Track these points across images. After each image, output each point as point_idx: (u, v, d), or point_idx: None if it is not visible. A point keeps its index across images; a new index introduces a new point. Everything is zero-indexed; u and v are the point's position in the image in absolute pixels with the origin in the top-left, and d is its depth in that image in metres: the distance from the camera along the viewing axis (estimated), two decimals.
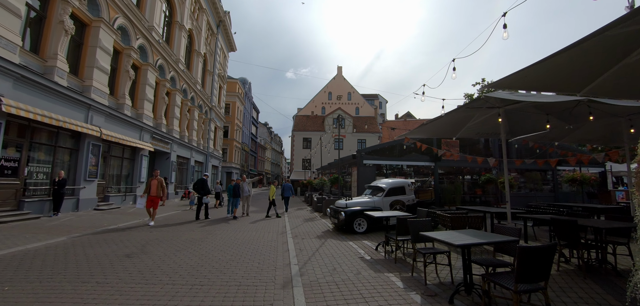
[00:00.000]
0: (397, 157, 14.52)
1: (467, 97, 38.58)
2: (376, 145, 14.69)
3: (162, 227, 9.58)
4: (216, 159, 35.45)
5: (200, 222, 11.06)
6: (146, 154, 18.12)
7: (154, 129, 18.96)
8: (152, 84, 18.48)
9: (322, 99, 54.16)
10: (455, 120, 8.66)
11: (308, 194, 22.78)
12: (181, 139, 23.82)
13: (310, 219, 12.39)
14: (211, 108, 32.36)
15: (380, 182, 10.10)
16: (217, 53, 33.86)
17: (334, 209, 9.43)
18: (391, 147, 14.54)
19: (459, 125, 8.90)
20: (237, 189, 12.24)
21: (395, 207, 9.42)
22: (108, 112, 14.08)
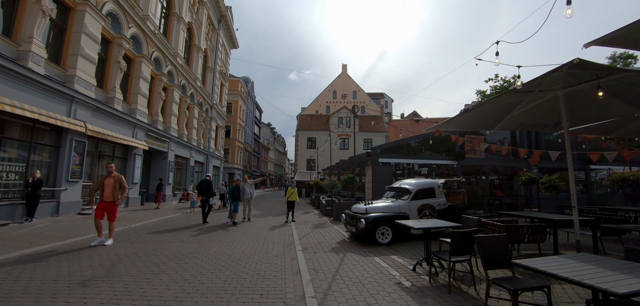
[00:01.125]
0: (414, 155, 12.99)
1: (479, 93, 36.98)
2: (392, 142, 13.18)
3: (150, 234, 8.14)
4: (218, 159, 34.08)
5: (193, 230, 9.59)
6: (140, 153, 16.74)
7: (150, 127, 17.58)
8: (146, 78, 17.11)
9: (327, 98, 52.69)
10: (498, 108, 7.17)
11: (314, 197, 21.29)
12: (180, 138, 22.45)
13: (320, 226, 10.90)
14: (212, 106, 31.00)
15: (404, 183, 8.57)
16: (219, 49, 32.53)
17: (350, 215, 7.92)
18: (408, 144, 13.02)
19: (500, 114, 7.40)
20: (236, 191, 10.76)
21: (424, 213, 7.90)
22: (95, 106, 12.70)
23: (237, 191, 10.72)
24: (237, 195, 10.66)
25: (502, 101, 6.95)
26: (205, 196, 11.51)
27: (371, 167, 12.02)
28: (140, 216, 12.45)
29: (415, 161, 12.73)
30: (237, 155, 45.11)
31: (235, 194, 10.66)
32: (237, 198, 10.66)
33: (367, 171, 12.46)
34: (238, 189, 10.77)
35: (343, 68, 54.28)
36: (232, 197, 10.63)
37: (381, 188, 11.59)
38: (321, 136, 43.23)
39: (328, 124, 44.78)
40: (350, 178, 9.97)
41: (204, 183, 11.80)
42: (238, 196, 10.66)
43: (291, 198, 12.04)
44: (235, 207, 10.64)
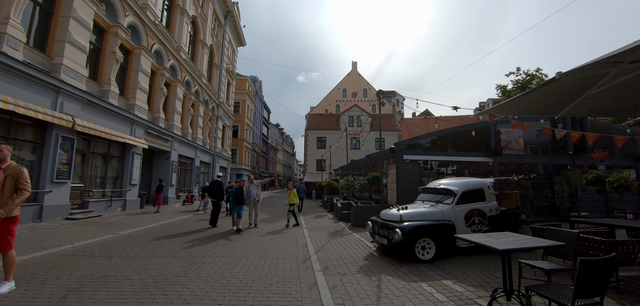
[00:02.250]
0: (442, 152, 11.34)
1: (499, 88, 34.97)
2: (420, 136, 11.55)
3: (137, 245, 6.75)
4: (225, 159, 32.88)
5: (189, 239, 8.18)
6: (139, 153, 15.49)
7: (150, 124, 16.34)
8: (146, 71, 15.88)
9: (337, 97, 51.16)
10: (572, 86, 5.55)
11: (327, 199, 19.75)
12: (184, 137, 21.22)
13: (338, 233, 9.36)
14: (219, 105, 29.80)
15: (445, 183, 6.97)
16: (225, 46, 31.35)
17: (380, 223, 6.37)
18: (435, 139, 11.40)
19: (573, 94, 5.77)
20: (239, 194, 9.28)
21: (472, 220, 6.29)
22: (86, 99, 11.45)
23: (240, 194, 9.25)
24: (241, 198, 9.19)
25: (581, 76, 5.30)
26: (217, 198, 10.49)
27: (395, 165, 10.43)
28: (134, 221, 11.13)
29: (444, 157, 11.09)
30: (245, 156, 43.94)
31: (238, 197, 9.19)
32: (240, 201, 9.19)
33: (389, 170, 10.88)
34: (241, 192, 9.29)
35: (353, 66, 52.68)
36: (235, 200, 9.17)
37: (407, 190, 10.01)
38: (331, 136, 41.74)
39: (338, 124, 43.24)
40: (375, 177, 8.40)
41: (214, 184, 10.63)
42: (241, 199, 9.19)
43: (290, 200, 10.77)
44: (238, 212, 9.17)
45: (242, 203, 9.09)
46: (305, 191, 19.95)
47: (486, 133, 11.88)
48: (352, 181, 11.51)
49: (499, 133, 11.80)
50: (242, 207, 9.14)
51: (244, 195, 9.13)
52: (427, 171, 11.21)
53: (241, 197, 9.08)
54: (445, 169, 11.84)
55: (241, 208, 9.11)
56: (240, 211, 9.14)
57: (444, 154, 11.17)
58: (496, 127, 11.93)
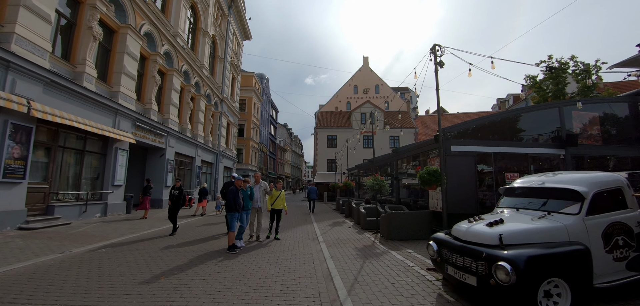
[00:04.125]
0: (498, 141, 8.74)
1: (528, 78, 32.02)
2: (471, 121, 8.99)
3: (83, 268, 4.41)
4: (229, 159, 30.67)
5: (159, 265, 5.79)
6: (125, 148, 13.26)
7: (139, 116, 14.13)
8: (134, 55, 13.67)
9: (347, 93, 48.61)
10: None
11: (343, 202, 17.25)
12: (182, 133, 19.01)
13: (369, 251, 6.86)
14: (222, 100, 27.61)
15: (554, 179, 4.41)
16: (229, 38, 29.20)
17: (457, 246, 3.82)
18: (492, 124, 8.83)
19: None
20: (233, 197, 6.66)
21: (615, 241, 3.73)
22: (49, 80, 9.24)
23: (234, 197, 6.71)
24: (234, 203, 6.66)
25: None
26: None
27: (438, 159, 7.89)
28: (108, 231, 8.85)
29: (501, 148, 8.46)
30: (251, 156, 41.75)
31: (231, 201, 6.65)
32: (233, 207, 6.64)
33: (430, 164, 8.36)
34: (235, 194, 6.71)
35: (364, 61, 50.07)
36: (228, 206, 6.70)
37: (459, 192, 7.46)
38: (342, 134, 39.21)
39: (350, 121, 40.72)
40: (432, 174, 5.74)
41: (229, 186, 8.62)
42: (235, 205, 6.67)
43: (276, 205, 8.17)
44: (231, 222, 6.67)
45: (235, 209, 6.67)
46: (316, 193, 19.24)
47: (552, 119, 9.24)
48: (382, 180, 8.99)
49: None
50: (237, 215, 6.71)
51: (239, 199, 6.67)
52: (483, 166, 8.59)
53: (235, 202, 6.63)
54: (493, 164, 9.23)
55: (235, 217, 6.68)
56: (233, 221, 6.66)
57: (500, 145, 8.55)
58: (562, 111, 9.27)
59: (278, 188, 8.34)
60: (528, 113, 9.25)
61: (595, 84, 24.06)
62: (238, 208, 6.59)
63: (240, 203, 6.62)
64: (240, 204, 6.66)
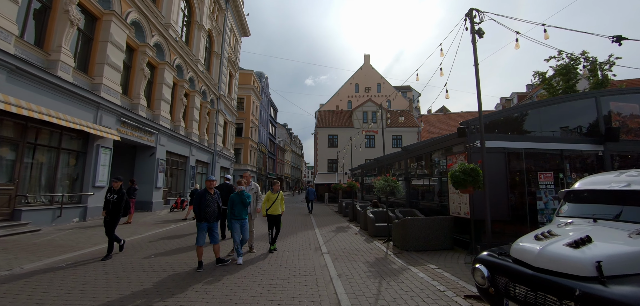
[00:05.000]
0: (529, 136, 7.61)
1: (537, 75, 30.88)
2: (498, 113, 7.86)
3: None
4: (227, 159, 29.51)
5: (121, 289, 4.66)
6: (108, 146, 12.11)
7: (125, 111, 12.99)
8: (119, 45, 12.53)
9: (348, 92, 47.47)
10: None
11: (346, 204, 16.10)
12: (175, 131, 17.88)
13: (383, 267, 5.71)
14: (219, 97, 26.47)
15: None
16: (226, 33, 28.06)
17: (529, 276, 2.66)
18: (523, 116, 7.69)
19: None
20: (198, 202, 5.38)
21: None
22: (14, 67, 8.10)
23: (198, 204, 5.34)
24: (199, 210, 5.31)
25: None
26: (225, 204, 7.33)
27: (465, 156, 6.76)
28: (82, 239, 7.72)
29: (533, 144, 7.32)
30: (250, 156, 40.59)
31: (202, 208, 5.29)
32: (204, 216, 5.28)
33: (454, 164, 7.23)
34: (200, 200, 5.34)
35: (365, 59, 48.95)
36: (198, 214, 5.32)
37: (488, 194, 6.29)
38: (343, 134, 38.09)
39: (351, 120, 39.60)
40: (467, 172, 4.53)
41: (223, 188, 8.16)
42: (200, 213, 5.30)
43: (274, 210, 6.92)
44: (212, 234, 5.43)
45: (201, 218, 5.28)
46: (315, 194, 19.65)
47: (588, 110, 8.11)
48: (394, 181, 7.84)
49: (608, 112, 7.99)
50: (204, 226, 5.33)
51: (205, 204, 5.30)
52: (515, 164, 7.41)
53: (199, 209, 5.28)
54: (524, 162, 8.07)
55: (201, 228, 5.32)
56: (200, 234, 5.31)
57: (530, 140, 7.40)
58: (599, 101, 8.13)
59: (275, 189, 7.14)
60: (560, 105, 8.11)
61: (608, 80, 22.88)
62: (205, 217, 5.28)
63: (209, 210, 5.30)
64: (209, 211, 5.31)
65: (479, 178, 4.45)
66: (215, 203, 5.38)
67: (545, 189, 7.10)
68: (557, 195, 7.04)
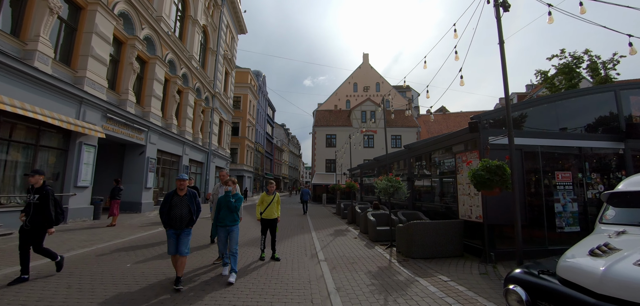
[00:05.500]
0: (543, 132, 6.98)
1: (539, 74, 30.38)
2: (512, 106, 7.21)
3: None
4: (222, 159, 28.80)
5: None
6: (92, 143, 11.41)
7: (112, 107, 12.29)
8: (105, 36, 11.83)
9: (347, 91, 46.88)
10: None
11: (344, 205, 15.45)
12: (166, 129, 17.17)
13: (386, 276, 5.07)
14: (214, 95, 25.76)
15: None
16: (222, 30, 27.37)
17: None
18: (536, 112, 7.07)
19: None
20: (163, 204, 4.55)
21: None
22: None
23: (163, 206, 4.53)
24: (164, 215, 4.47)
25: None
26: None
27: (478, 153, 6.12)
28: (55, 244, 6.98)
29: (549, 141, 6.70)
30: (246, 156, 39.86)
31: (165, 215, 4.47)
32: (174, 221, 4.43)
33: (462, 162, 6.60)
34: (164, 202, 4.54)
35: (364, 58, 48.40)
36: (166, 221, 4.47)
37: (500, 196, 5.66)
38: (341, 133, 37.45)
39: (349, 120, 38.98)
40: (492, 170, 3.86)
41: None
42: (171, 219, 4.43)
43: (268, 214, 6.20)
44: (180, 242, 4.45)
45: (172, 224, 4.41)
46: (309, 194, 19.92)
47: (605, 106, 7.50)
48: (398, 181, 7.20)
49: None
50: (171, 233, 4.43)
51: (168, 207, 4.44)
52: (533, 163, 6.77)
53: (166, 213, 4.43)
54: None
55: (169, 235, 4.46)
56: (169, 241, 4.45)
57: (545, 136, 6.77)
58: (618, 95, 7.52)
59: (270, 190, 6.40)
60: (576, 99, 7.49)
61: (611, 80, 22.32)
62: (170, 222, 4.39)
63: (175, 214, 4.37)
64: (175, 216, 4.38)
65: (506, 177, 3.80)
66: (185, 206, 4.47)
67: (563, 190, 6.49)
68: (601, 197, 6.43)
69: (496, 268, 5.33)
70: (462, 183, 6.59)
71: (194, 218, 4.58)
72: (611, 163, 7.43)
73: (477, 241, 6.34)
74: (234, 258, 4.94)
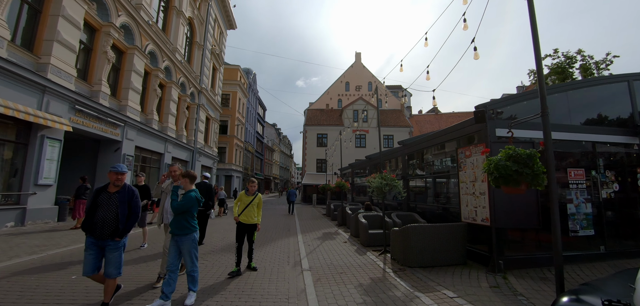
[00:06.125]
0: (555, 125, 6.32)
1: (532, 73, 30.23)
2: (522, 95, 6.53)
3: None
4: (209, 158, 27.72)
5: None
6: (57, 137, 10.36)
7: (82, 98, 11.24)
8: (75, 21, 10.80)
9: (339, 90, 46.11)
10: None
11: (335, 207, 14.66)
12: (146, 124, 16.12)
13: (380, 290, 4.30)
14: (200, 91, 24.67)
15: None
16: (210, 23, 26.30)
17: None
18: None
19: None
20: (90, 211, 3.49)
21: None
22: None
23: (90, 208, 3.50)
24: (97, 219, 3.39)
25: None
26: (203, 206, 7.45)
27: (484, 146, 5.39)
28: (1, 251, 6.01)
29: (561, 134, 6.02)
30: (235, 155, 38.76)
31: (91, 215, 3.44)
32: (95, 228, 3.39)
33: (465, 158, 5.87)
34: (93, 206, 3.49)
35: (356, 57, 47.69)
36: (83, 223, 3.45)
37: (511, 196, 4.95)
38: (333, 133, 36.71)
39: (341, 119, 38.26)
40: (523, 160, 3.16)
41: (201, 187, 7.58)
42: (93, 225, 3.39)
43: (247, 217, 5.27)
44: (108, 259, 3.43)
45: (92, 230, 3.39)
46: (296, 195, 20.02)
47: (619, 97, 6.89)
48: (394, 179, 6.44)
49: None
50: (115, 247, 3.46)
51: (110, 212, 3.44)
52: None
53: (88, 215, 3.43)
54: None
55: (112, 248, 3.45)
56: (111, 259, 3.45)
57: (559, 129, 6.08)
58: (632, 86, 6.92)
59: (250, 190, 5.42)
60: (587, 88, 6.85)
61: None
62: (90, 228, 3.38)
63: (97, 218, 3.37)
64: (96, 221, 3.37)
65: (538, 171, 3.00)
66: (114, 208, 3.41)
67: (576, 189, 5.82)
68: (589, 197, 5.76)
69: (507, 279, 4.61)
70: (465, 181, 5.86)
71: (120, 227, 3.42)
72: (626, 159, 6.81)
73: (481, 246, 5.62)
74: (191, 278, 3.86)
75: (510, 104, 5.82)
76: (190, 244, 3.85)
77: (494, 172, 3.07)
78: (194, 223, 4.00)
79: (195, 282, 3.89)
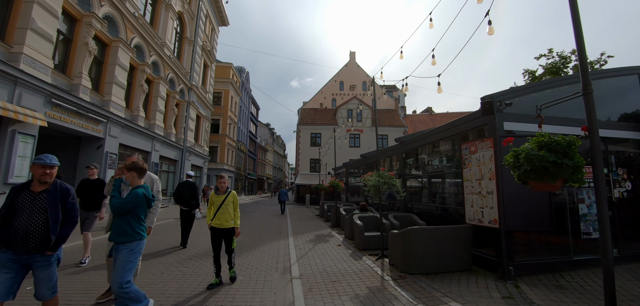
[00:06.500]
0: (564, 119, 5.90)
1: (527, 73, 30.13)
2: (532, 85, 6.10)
3: None
4: (200, 157, 26.98)
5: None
6: (30, 132, 9.63)
7: (59, 91, 10.53)
8: (51, 8, 10.08)
9: (333, 90, 45.60)
10: None
11: (328, 207, 14.14)
12: (132, 121, 15.40)
13: (379, 303, 3.79)
14: (191, 88, 23.93)
15: None
16: (201, 19, 25.59)
17: None
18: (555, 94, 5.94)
19: None
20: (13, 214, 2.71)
21: None
22: None
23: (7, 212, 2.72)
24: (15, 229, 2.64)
25: None
26: (187, 206, 7.46)
27: (492, 142, 4.94)
28: None
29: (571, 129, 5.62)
30: (227, 154, 38.00)
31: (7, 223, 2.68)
32: (13, 240, 2.63)
33: (470, 154, 5.40)
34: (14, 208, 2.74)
35: (351, 56, 47.27)
36: None
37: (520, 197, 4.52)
38: (327, 132, 36.21)
39: (335, 118, 37.77)
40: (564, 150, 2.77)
41: (184, 186, 7.59)
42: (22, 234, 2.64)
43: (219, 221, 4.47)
44: (36, 277, 2.77)
45: (7, 243, 2.62)
46: (287, 195, 19.81)
47: (629, 91, 6.51)
48: (392, 177, 5.96)
49: None
50: (50, 262, 2.78)
51: (33, 219, 2.70)
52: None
53: (4, 225, 2.64)
54: None
55: (40, 264, 2.73)
56: (41, 277, 2.76)
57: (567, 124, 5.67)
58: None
59: (221, 188, 4.60)
60: (598, 81, 6.47)
61: None
62: (4, 239, 2.62)
63: (15, 228, 2.64)
64: (14, 231, 2.64)
65: (579, 163, 2.51)
66: (42, 212, 2.73)
67: (588, 188, 5.40)
68: None
69: (519, 287, 4.14)
70: (470, 179, 5.39)
71: (52, 236, 2.71)
72: (629, 155, 6.43)
73: (488, 250, 5.16)
74: (120, 301, 2.98)
75: (519, 96, 5.36)
76: (126, 255, 3.04)
77: (523, 164, 2.57)
78: (139, 228, 3.19)
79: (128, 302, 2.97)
